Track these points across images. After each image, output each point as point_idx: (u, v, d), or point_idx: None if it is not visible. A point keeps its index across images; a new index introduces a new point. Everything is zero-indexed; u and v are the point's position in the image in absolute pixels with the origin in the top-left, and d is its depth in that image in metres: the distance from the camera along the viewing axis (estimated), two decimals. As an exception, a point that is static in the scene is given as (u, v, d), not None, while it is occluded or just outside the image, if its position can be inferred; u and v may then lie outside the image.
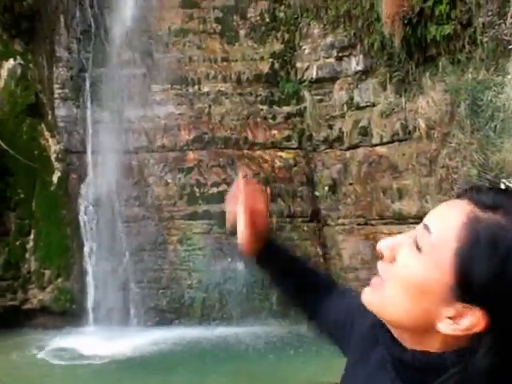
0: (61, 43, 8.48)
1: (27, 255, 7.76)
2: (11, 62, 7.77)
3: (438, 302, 0.79)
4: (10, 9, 7.84)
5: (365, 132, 8.37)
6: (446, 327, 0.79)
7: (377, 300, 0.85)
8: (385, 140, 8.03)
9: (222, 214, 6.47)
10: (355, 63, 8.60)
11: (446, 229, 0.79)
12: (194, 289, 8.28)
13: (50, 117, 8.01)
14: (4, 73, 7.71)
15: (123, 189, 8.16)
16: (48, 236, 7.76)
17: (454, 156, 7.22)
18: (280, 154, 8.69)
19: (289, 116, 8.76)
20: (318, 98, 8.82)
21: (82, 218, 8.07)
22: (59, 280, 7.76)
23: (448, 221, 0.79)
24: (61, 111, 8.32)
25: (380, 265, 0.85)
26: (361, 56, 8.53)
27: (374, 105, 8.32)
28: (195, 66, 8.65)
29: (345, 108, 8.59)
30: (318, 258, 8.69)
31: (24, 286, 7.75)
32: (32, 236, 7.75)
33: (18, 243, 7.74)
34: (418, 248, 0.81)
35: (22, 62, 7.81)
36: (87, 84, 8.47)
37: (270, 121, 8.69)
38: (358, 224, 8.51)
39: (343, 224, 8.56)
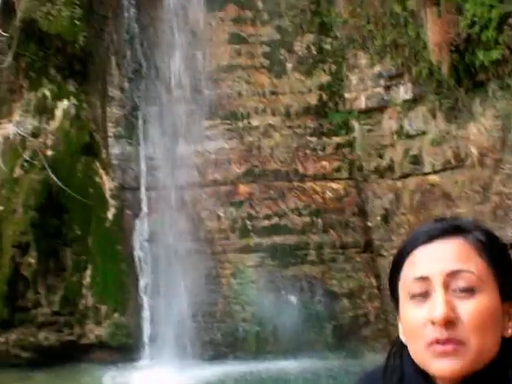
0: (113, 83, 9.06)
1: (84, 291, 8.19)
2: (65, 102, 8.35)
3: (501, 316, 0.97)
4: (63, 51, 8.46)
5: (416, 161, 8.58)
6: (510, 331, 0.98)
7: (468, 361, 0.92)
8: (437, 168, 8.24)
9: (275, 246, 6.92)
10: (404, 92, 8.86)
11: (475, 263, 0.97)
12: (247, 322, 8.56)
13: (104, 155, 8.54)
14: (59, 113, 8.29)
15: (177, 223, 8.57)
16: (104, 271, 8.19)
17: (507, 182, 7.37)
18: (331, 184, 8.99)
19: (338, 147, 9.07)
20: (368, 127, 9.11)
21: (137, 253, 8.49)
22: (115, 315, 8.14)
23: (469, 256, 0.97)
24: (115, 149, 8.85)
25: (445, 331, 0.92)
26: (409, 84, 8.79)
27: (424, 133, 8.55)
28: (244, 101, 9.09)
29: (395, 137, 8.83)
30: (372, 290, 8.88)
31: (81, 321, 8.15)
32: (88, 272, 8.18)
33: (74, 279, 8.18)
34: (472, 291, 0.94)
35: (75, 102, 8.39)
36: (140, 122, 9.01)
37: (320, 152, 9.02)
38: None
39: (397, 254, 8.69)
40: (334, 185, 9.06)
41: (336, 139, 9.09)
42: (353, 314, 8.77)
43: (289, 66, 9.28)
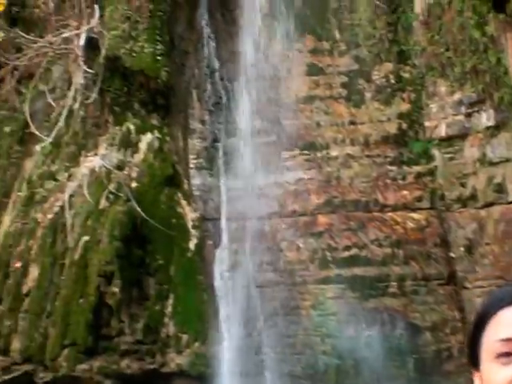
0: (194, 116, 9.46)
1: (166, 320, 8.45)
2: (149, 136, 8.76)
3: None
4: (146, 86, 8.91)
5: (500, 189, 8.51)
6: None
7: None
8: (522, 196, 8.13)
9: (355, 278, 6.97)
10: (485, 118, 8.83)
11: None
12: (327, 355, 8.61)
13: (186, 186, 8.88)
14: (143, 146, 8.69)
15: (256, 254, 8.76)
16: (186, 301, 8.44)
17: None
18: (412, 214, 8.99)
19: (419, 176, 9.09)
20: (449, 156, 9.10)
21: (218, 283, 8.70)
22: (196, 344, 8.36)
23: None
24: (196, 180, 9.19)
25: None
26: (491, 111, 8.76)
27: (508, 160, 8.49)
28: (323, 131, 9.29)
29: (477, 165, 8.79)
30: (455, 323, 8.77)
31: (162, 350, 8.41)
32: (170, 301, 8.45)
33: (157, 308, 8.46)
34: None
35: (159, 135, 8.79)
36: (220, 153, 9.34)
37: (400, 181, 9.06)
38: (498, 286, 8.48)
39: (481, 286, 8.63)
40: (415, 215, 9.05)
41: (417, 168, 9.12)
42: (435, 348, 8.69)
43: (367, 95, 9.42)
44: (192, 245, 8.75)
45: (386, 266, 8.96)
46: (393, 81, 9.52)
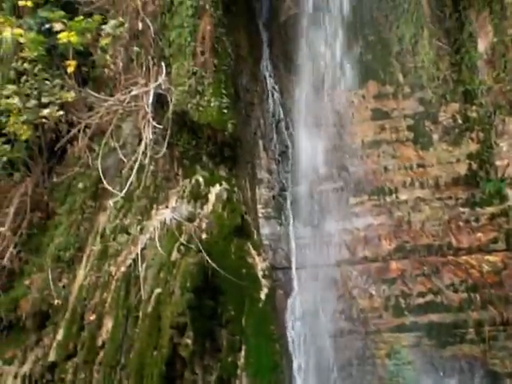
0: (261, 166, 9.64)
1: (239, 371, 8.43)
2: (217, 187, 8.95)
3: None
4: (214, 139, 9.15)
5: None
6: None
7: None
8: None
9: (430, 325, 6.85)
10: (559, 156, 8.63)
11: None
12: (405, 405, 8.39)
13: (255, 236, 8.97)
14: (212, 198, 8.87)
15: (328, 302, 8.72)
16: (258, 352, 8.42)
17: None
18: (487, 257, 8.81)
19: (493, 217, 8.93)
20: (523, 194, 8.91)
21: (290, 333, 8.67)
22: (270, 396, 8.28)
23: None
24: (265, 230, 9.29)
25: None
26: None
27: None
28: (391, 175, 9.28)
29: (556, 201, 8.57)
30: (537, 370, 8.43)
31: (236, 403, 8.35)
32: (243, 352, 8.44)
33: (229, 359, 8.47)
34: None
35: (227, 186, 8.97)
36: (288, 202, 9.45)
37: (474, 223, 8.92)
38: None
39: (563, 331, 8.30)
40: (490, 257, 8.86)
41: (490, 209, 8.96)
42: (516, 395, 8.36)
43: (435, 137, 9.40)
44: (263, 295, 8.77)
45: (462, 312, 8.75)
46: (460, 121, 9.45)
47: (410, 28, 9.91)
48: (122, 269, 9.07)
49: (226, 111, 9.20)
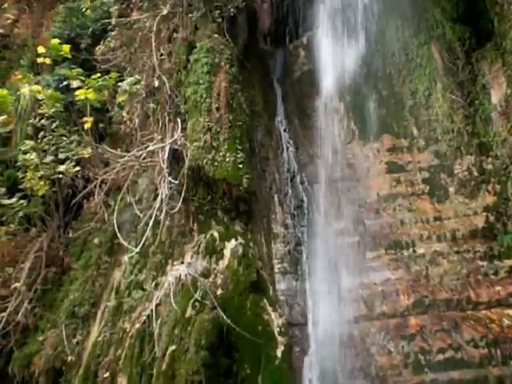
0: (277, 220, 9.63)
1: (258, 431, 8.23)
2: (233, 242, 8.94)
3: None
4: (229, 193, 9.18)
5: None
6: None
7: None
8: None
9: (451, 381, 6.65)
10: None
11: None
12: None
13: (271, 291, 8.91)
14: (227, 253, 8.85)
15: (346, 360, 8.57)
16: (275, 411, 8.23)
17: None
18: (508, 311, 8.67)
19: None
20: (541, 246, 8.82)
21: (307, 392, 8.51)
22: None
23: None
24: (281, 285, 9.22)
25: None
26: None
27: None
28: (408, 229, 9.23)
29: None
30: None
31: None
32: (260, 412, 8.26)
33: (247, 420, 8.27)
34: None
35: (242, 241, 8.96)
36: (304, 257, 9.39)
37: (493, 277, 8.81)
38: None
39: None
40: (510, 311, 8.68)
41: (508, 262, 8.88)
42: None
43: (451, 189, 9.38)
44: (279, 352, 8.64)
45: (483, 368, 8.55)
46: (476, 173, 9.44)
47: (423, 82, 10.02)
48: (137, 325, 9.02)
49: (241, 166, 9.27)
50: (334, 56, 10.32)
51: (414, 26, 10.22)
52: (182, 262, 9.12)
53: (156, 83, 10.10)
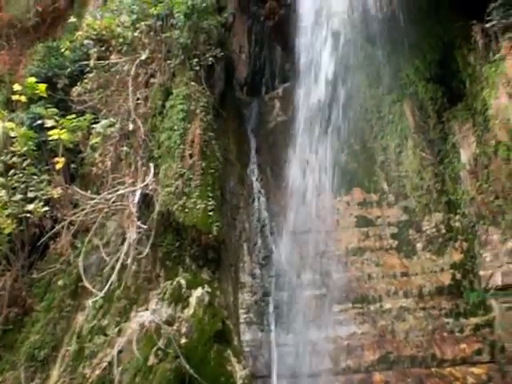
0: (245, 270, 9.62)
1: None
2: (199, 290, 8.89)
3: None
4: (198, 240, 9.16)
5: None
6: None
7: None
8: None
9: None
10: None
11: None
12: None
13: (236, 342, 8.83)
14: (193, 301, 8.77)
15: (310, 415, 8.46)
16: None
17: None
18: (472, 369, 8.72)
19: (477, 328, 8.89)
20: (507, 305, 8.94)
21: None
22: None
23: None
24: (246, 336, 9.15)
25: None
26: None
27: None
28: (375, 283, 9.28)
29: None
30: None
31: None
32: None
33: None
34: None
35: (209, 290, 8.91)
36: (271, 308, 9.35)
37: (458, 334, 8.87)
38: None
39: None
40: (475, 369, 8.75)
41: (474, 320, 8.93)
42: None
43: (419, 245, 9.48)
44: (242, 404, 8.51)
45: (448, 426, 8.52)
46: (444, 231, 9.57)
47: (394, 138, 10.23)
48: (97, 371, 8.82)
49: (211, 213, 9.27)
50: (310, 109, 10.50)
51: (388, 83, 10.47)
52: (147, 309, 8.99)
53: (131, 127, 10.13)
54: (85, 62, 11.35)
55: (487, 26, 9.00)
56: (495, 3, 8.72)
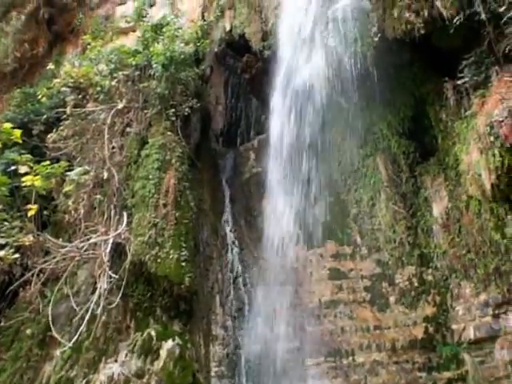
0: (217, 322, 9.51)
1: None
2: (170, 342, 8.75)
3: None
4: (170, 291, 9.07)
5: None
6: None
7: None
8: None
9: None
10: (514, 319, 8.70)
11: None
12: None
13: (206, 395, 8.61)
14: (163, 353, 8.64)
15: None
16: None
17: None
18: (445, 426, 8.54)
19: (450, 382, 8.91)
20: (479, 359, 8.90)
21: None
22: None
23: None
24: (217, 390, 8.94)
25: None
26: (518, 313, 8.65)
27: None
28: (348, 337, 9.21)
29: (509, 368, 8.51)
30: None
31: None
32: None
33: None
34: None
35: (180, 341, 8.78)
36: (242, 361, 9.17)
37: (430, 388, 8.76)
38: None
39: None
40: (448, 426, 8.60)
41: (447, 374, 8.90)
42: None
43: (391, 299, 9.45)
44: None
45: None
46: (416, 284, 9.57)
47: (367, 191, 10.31)
48: (64, 425, 8.58)
49: (184, 264, 9.22)
50: (283, 160, 10.57)
51: (361, 137, 10.62)
52: (116, 361, 8.82)
53: (105, 175, 10.12)
54: (61, 109, 11.39)
55: (459, 82, 9.21)
56: (467, 61, 8.94)
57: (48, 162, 9.83)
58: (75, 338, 8.60)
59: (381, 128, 10.54)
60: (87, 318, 8.72)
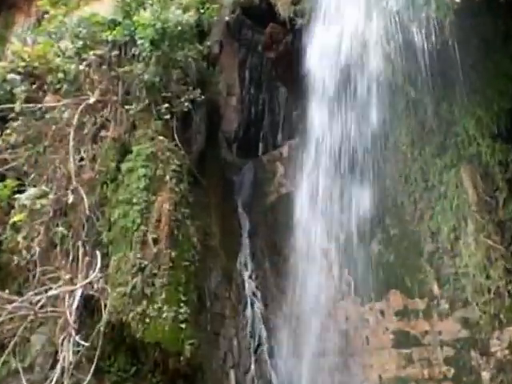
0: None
1: None
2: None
3: None
4: (163, 366, 9.34)
5: None
6: None
7: None
8: None
9: None
10: None
11: None
12: None
13: None
14: None
15: None
16: None
17: None
18: None
19: None
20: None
21: None
22: None
23: None
24: None
25: None
26: None
27: None
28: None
29: None
30: None
31: None
32: None
33: None
34: None
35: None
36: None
37: None
38: None
39: None
40: None
41: None
42: None
43: (485, 375, 9.56)
44: None
45: None
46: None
47: (447, 220, 10.27)
48: None
49: (183, 326, 9.23)
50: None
51: (438, 142, 10.60)
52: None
53: (70, 199, 10.16)
54: (7, 106, 11.50)
55: None
56: None
57: (-11, 182, 9.96)
58: None
59: (466, 128, 10.53)
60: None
